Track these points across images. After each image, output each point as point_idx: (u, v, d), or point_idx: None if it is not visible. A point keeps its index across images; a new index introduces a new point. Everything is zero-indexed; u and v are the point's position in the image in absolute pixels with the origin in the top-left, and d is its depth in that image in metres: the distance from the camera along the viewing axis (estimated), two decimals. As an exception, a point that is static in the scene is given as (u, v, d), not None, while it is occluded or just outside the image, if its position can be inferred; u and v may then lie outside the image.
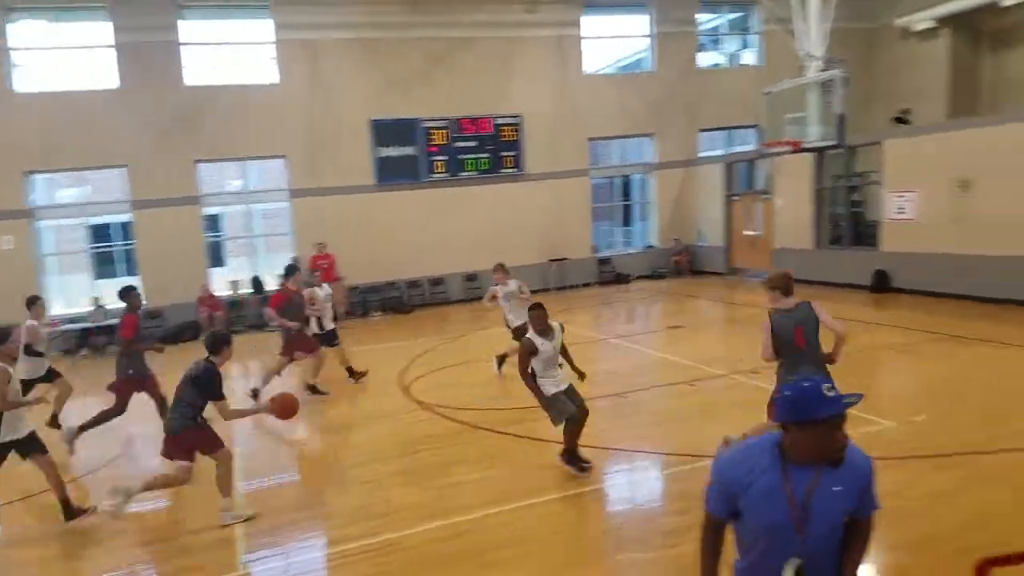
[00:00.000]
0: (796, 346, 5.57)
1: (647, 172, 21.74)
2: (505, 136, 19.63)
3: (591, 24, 20.56)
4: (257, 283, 18.25)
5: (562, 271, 20.25)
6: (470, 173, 19.47)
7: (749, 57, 22.77)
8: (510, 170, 19.76)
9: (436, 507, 6.08)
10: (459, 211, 19.35)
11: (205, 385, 5.97)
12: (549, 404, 6.47)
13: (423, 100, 18.92)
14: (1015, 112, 14.51)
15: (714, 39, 23.32)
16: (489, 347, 12.82)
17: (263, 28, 17.90)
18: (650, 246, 21.85)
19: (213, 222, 22.00)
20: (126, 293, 8.58)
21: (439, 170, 19.20)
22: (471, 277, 19.69)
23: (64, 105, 16.29)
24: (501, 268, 10.52)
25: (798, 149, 14.39)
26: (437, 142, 19.11)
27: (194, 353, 6.50)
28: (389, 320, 17.63)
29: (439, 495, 6.35)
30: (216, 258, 21.07)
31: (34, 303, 8.83)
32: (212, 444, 6.09)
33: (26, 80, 16.33)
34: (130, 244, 17.98)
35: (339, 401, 10.17)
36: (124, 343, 8.41)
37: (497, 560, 5.11)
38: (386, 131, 18.73)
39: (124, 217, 17.95)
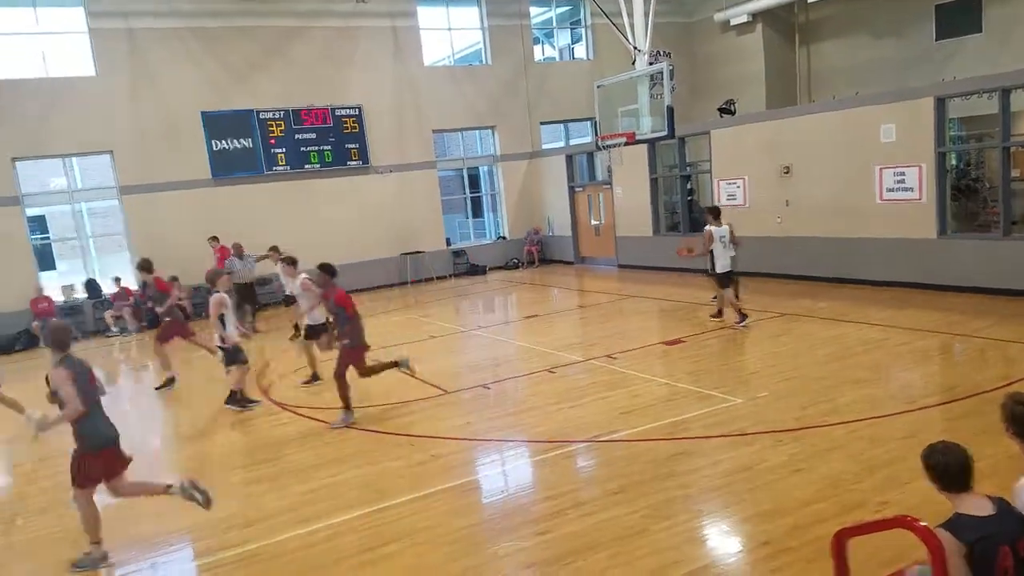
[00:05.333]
0: None
1: (493, 164, 22.05)
2: (347, 128, 19.26)
3: (427, 16, 20.45)
4: (93, 286, 16.98)
5: (417, 264, 20.17)
6: (314, 165, 18.96)
7: (581, 51, 23.44)
8: (356, 162, 19.42)
9: (307, 511, 5.94)
10: (307, 205, 18.82)
11: None
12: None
13: (258, 91, 18.23)
14: (825, 103, 15.78)
15: (547, 32, 23.76)
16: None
17: (75, 17, 16.54)
18: (502, 237, 22.19)
19: (40, 224, 20.10)
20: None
21: (281, 162, 18.58)
22: (325, 273, 19.18)
23: None
24: None
25: (632, 141, 14.72)
26: (275, 134, 18.48)
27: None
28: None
29: (309, 498, 6.21)
30: (45, 262, 19.43)
31: None
32: None
33: None
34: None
35: (194, 406, 9.68)
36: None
37: (375, 559, 5.08)
38: (220, 123, 17.90)
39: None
